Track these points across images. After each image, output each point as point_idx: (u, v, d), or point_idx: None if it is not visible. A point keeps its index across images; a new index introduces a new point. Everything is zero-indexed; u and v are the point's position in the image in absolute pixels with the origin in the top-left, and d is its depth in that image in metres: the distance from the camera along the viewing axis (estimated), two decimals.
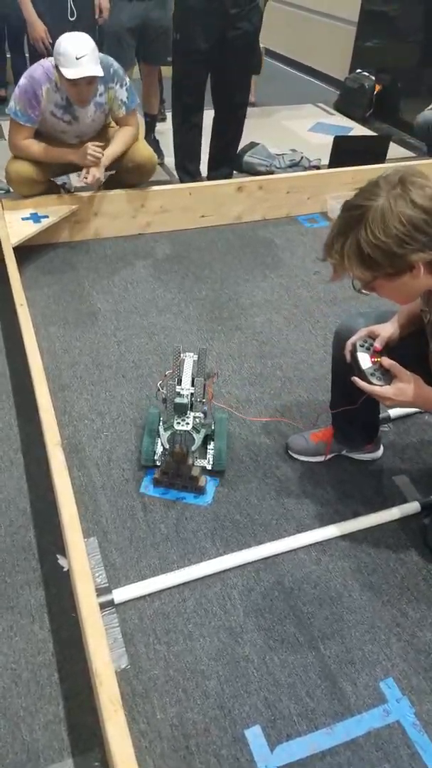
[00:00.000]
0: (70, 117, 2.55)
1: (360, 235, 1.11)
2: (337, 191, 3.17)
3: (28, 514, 1.61)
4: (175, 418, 1.59)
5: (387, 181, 1.11)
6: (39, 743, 1.18)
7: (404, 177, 1.10)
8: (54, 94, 2.46)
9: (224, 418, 1.77)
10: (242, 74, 2.98)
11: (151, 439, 1.71)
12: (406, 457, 1.83)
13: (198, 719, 1.22)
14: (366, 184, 1.16)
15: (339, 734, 1.21)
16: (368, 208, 1.10)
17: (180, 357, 1.71)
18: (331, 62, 5.47)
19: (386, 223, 1.08)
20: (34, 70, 2.43)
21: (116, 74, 2.52)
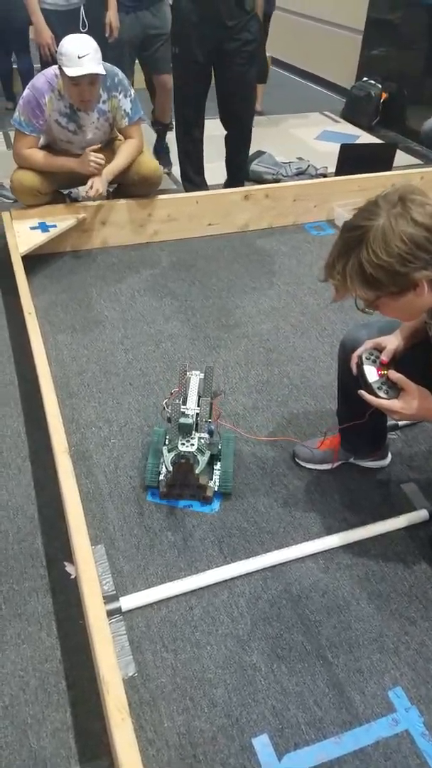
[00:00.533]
0: (75, 126, 2.57)
1: (362, 256, 1.10)
2: (344, 199, 3.18)
3: (35, 521, 1.62)
4: (180, 439, 1.57)
5: (386, 200, 1.11)
6: (46, 751, 1.19)
7: (403, 195, 1.10)
8: (57, 102, 2.48)
9: (231, 437, 1.75)
10: (245, 85, 2.97)
11: (156, 460, 1.68)
12: (414, 464, 1.83)
13: (205, 728, 1.22)
14: (364, 203, 1.16)
15: (347, 743, 1.20)
16: (369, 228, 1.10)
17: (186, 375, 1.68)
18: (337, 70, 5.50)
19: (388, 243, 1.08)
20: (37, 80, 2.46)
21: (120, 84, 2.55)
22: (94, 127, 2.60)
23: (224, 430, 1.82)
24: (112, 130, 2.72)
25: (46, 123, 2.52)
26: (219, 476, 1.68)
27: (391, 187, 1.14)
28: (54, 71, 2.46)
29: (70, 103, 2.49)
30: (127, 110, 2.60)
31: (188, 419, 1.56)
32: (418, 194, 1.11)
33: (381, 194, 1.14)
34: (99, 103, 2.54)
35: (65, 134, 2.60)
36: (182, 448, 1.55)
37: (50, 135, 2.62)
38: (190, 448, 1.55)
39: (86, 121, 2.57)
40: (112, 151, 2.70)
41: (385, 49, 4.79)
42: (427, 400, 1.30)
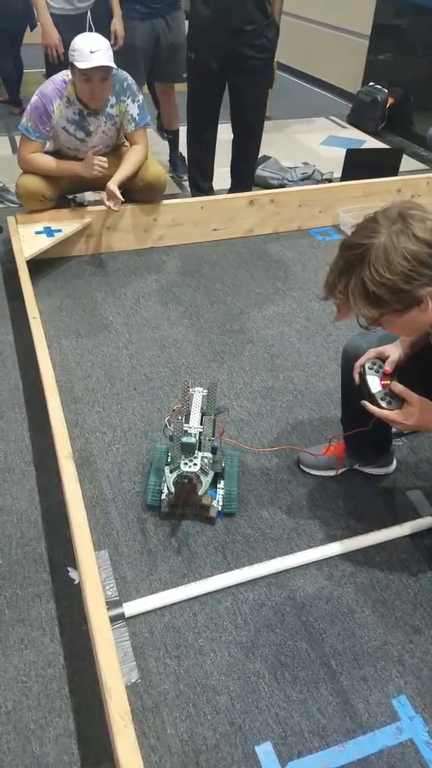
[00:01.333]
0: (83, 134, 2.59)
1: (364, 275, 1.08)
2: (350, 204, 3.18)
3: (39, 526, 1.62)
4: (182, 459, 1.51)
5: (385, 216, 1.10)
6: (49, 756, 1.18)
7: (403, 211, 1.09)
8: (66, 109, 2.50)
9: (235, 455, 1.72)
10: (258, 92, 2.98)
11: (158, 478, 1.63)
12: (420, 471, 1.82)
13: (208, 735, 1.22)
14: (362, 221, 1.14)
15: (351, 752, 1.20)
16: (370, 246, 1.08)
17: (189, 392, 1.63)
18: (343, 75, 5.51)
19: (390, 261, 1.06)
20: (45, 87, 2.48)
21: (129, 89, 2.56)
22: (101, 131, 2.62)
23: (227, 447, 1.80)
24: (119, 135, 2.73)
25: (53, 130, 2.54)
26: (223, 496, 1.64)
27: (390, 203, 1.13)
28: (63, 77, 2.47)
29: (80, 109, 2.51)
30: (134, 115, 2.62)
31: (191, 438, 1.50)
32: (418, 209, 1.10)
33: (379, 210, 1.12)
34: (107, 108, 2.55)
35: (72, 142, 2.61)
36: (185, 468, 1.50)
37: (57, 143, 2.63)
38: (193, 468, 1.49)
39: (94, 126, 2.58)
40: (119, 157, 2.71)
41: (391, 54, 4.79)
42: (430, 411, 1.29)
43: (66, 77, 2.47)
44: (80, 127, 2.57)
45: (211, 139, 3.10)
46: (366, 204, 3.18)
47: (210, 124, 3.04)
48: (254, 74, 2.86)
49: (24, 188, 2.62)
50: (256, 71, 2.86)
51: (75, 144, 2.63)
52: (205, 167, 3.20)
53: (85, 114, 2.53)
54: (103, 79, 2.40)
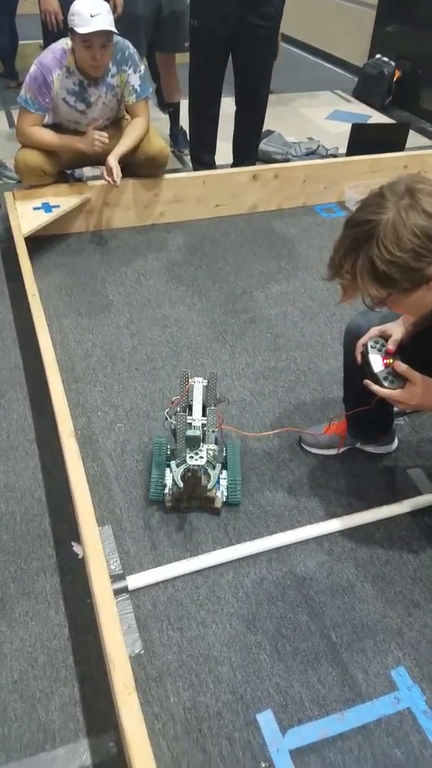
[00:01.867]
0: (83, 105, 2.55)
1: (372, 252, 1.05)
2: (355, 180, 3.15)
3: (43, 502, 1.64)
4: (188, 452, 1.47)
5: (393, 191, 1.06)
6: (55, 724, 1.22)
7: (411, 186, 1.05)
8: (66, 79, 2.46)
9: (236, 444, 1.71)
10: (264, 63, 2.93)
11: (160, 472, 1.61)
12: (421, 450, 1.83)
13: (210, 703, 1.25)
14: (367, 197, 1.10)
15: (350, 720, 1.23)
16: (378, 223, 1.05)
17: (189, 383, 1.59)
18: (349, 48, 5.40)
19: (400, 237, 1.03)
20: (44, 56, 2.43)
21: (131, 58, 2.52)
22: (101, 103, 2.58)
23: (227, 435, 1.79)
24: (120, 107, 2.69)
25: (52, 101, 2.50)
26: (227, 486, 1.62)
27: (396, 177, 1.09)
28: (62, 46, 2.42)
29: (80, 80, 2.47)
30: (135, 86, 2.58)
31: (195, 431, 1.46)
32: (425, 183, 1.07)
33: (385, 185, 1.09)
34: (108, 77, 2.51)
35: (72, 114, 2.58)
36: (191, 461, 1.45)
37: (57, 115, 2.60)
38: (200, 462, 1.45)
39: (95, 98, 2.54)
40: (120, 130, 2.67)
41: (399, 26, 4.68)
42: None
43: (65, 46, 2.42)
44: (80, 99, 2.53)
45: (214, 111, 3.05)
46: (372, 180, 3.14)
47: (213, 96, 2.99)
48: (260, 43, 2.80)
49: (24, 163, 2.59)
50: (262, 40, 2.80)
51: (75, 116, 2.59)
52: (208, 141, 3.16)
53: (86, 84, 2.49)
54: (103, 45, 2.34)
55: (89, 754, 1.17)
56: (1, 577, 1.46)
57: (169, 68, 3.55)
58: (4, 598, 1.42)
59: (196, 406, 1.55)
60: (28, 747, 1.18)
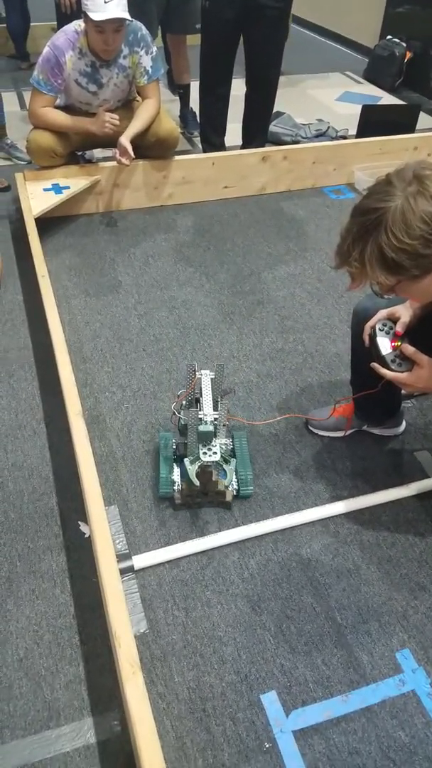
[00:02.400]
0: (95, 86, 2.53)
1: (381, 240, 1.04)
2: (365, 162, 3.10)
3: (50, 482, 1.64)
4: (200, 448, 1.42)
5: (400, 178, 1.05)
6: (60, 702, 1.22)
7: (418, 172, 1.04)
8: (78, 61, 2.44)
9: (244, 435, 1.67)
10: (275, 44, 2.89)
11: (168, 468, 1.57)
12: (428, 433, 1.81)
13: (215, 683, 1.25)
14: (375, 184, 1.09)
15: (354, 702, 1.23)
16: (386, 210, 1.04)
17: (196, 376, 1.53)
18: (360, 29, 5.30)
19: (409, 224, 1.02)
20: (57, 38, 2.42)
21: (143, 39, 2.49)
22: (113, 84, 2.55)
23: (234, 426, 1.76)
24: (131, 89, 2.66)
25: (64, 82, 2.48)
26: (239, 480, 1.57)
27: (402, 164, 1.08)
28: (75, 28, 2.40)
29: (92, 61, 2.45)
30: (147, 68, 2.55)
31: (208, 426, 1.41)
32: (431, 169, 1.05)
33: (392, 172, 1.07)
34: (120, 59, 2.48)
35: (84, 95, 2.55)
36: (205, 458, 1.41)
37: (69, 96, 2.57)
38: (214, 458, 1.41)
39: (106, 79, 2.51)
40: (131, 111, 2.65)
41: (410, 6, 4.60)
42: None
43: (78, 27, 2.40)
44: (92, 80, 2.51)
45: (225, 92, 3.02)
46: (381, 162, 3.10)
47: (224, 77, 2.96)
48: (271, 24, 2.78)
49: (36, 144, 2.57)
50: (273, 21, 2.77)
51: (87, 97, 2.56)
52: (218, 122, 3.13)
53: (98, 65, 2.47)
54: (116, 30, 2.33)
55: (93, 733, 1.18)
56: (8, 555, 1.46)
57: (179, 50, 3.50)
58: (11, 576, 1.42)
59: (206, 400, 1.49)
60: (33, 725, 1.19)
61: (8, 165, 3.19)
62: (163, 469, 1.58)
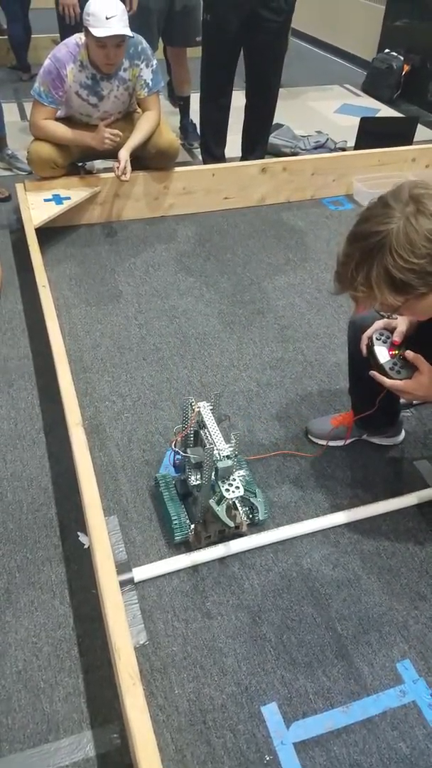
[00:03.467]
0: (96, 98, 2.55)
1: (386, 262, 1.05)
2: (363, 173, 3.12)
3: (50, 492, 1.63)
4: (222, 485, 1.33)
5: (396, 199, 1.06)
6: (59, 714, 1.21)
7: (414, 193, 1.05)
8: (79, 73, 2.46)
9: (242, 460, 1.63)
10: (275, 57, 2.93)
11: (177, 509, 1.48)
12: (428, 442, 1.81)
13: (215, 695, 1.24)
14: (369, 208, 1.10)
15: (355, 713, 1.22)
16: (388, 232, 1.04)
17: (195, 410, 1.43)
18: (358, 42, 5.36)
19: (413, 244, 1.03)
20: (58, 50, 2.44)
21: (144, 53, 2.51)
22: (113, 96, 2.57)
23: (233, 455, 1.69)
24: (131, 101, 2.69)
25: (65, 94, 2.50)
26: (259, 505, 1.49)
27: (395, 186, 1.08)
28: (76, 41, 2.43)
29: (93, 73, 2.47)
30: (147, 80, 2.57)
31: (227, 461, 1.32)
32: (426, 187, 1.06)
33: (387, 195, 1.08)
34: (120, 71, 2.51)
35: (85, 107, 2.58)
36: (229, 495, 1.32)
37: (69, 108, 2.59)
38: (238, 492, 1.33)
39: (107, 91, 2.54)
40: (131, 123, 2.67)
41: (408, 20, 4.65)
42: None
43: (79, 40, 2.43)
44: (93, 92, 2.53)
45: (225, 103, 3.04)
46: (380, 173, 3.12)
47: (224, 89, 2.99)
48: (271, 38, 2.80)
49: (37, 155, 2.59)
50: (273, 34, 2.80)
51: (87, 109, 2.59)
52: (219, 134, 3.15)
53: (99, 78, 2.49)
54: (118, 46, 2.36)
55: (93, 746, 1.17)
56: (7, 566, 1.45)
57: (180, 62, 3.53)
58: (10, 587, 1.41)
59: (215, 433, 1.38)
60: (32, 738, 1.18)
61: (9, 175, 3.21)
62: (173, 510, 1.48)
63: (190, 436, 1.47)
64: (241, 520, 1.48)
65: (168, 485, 1.56)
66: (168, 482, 1.57)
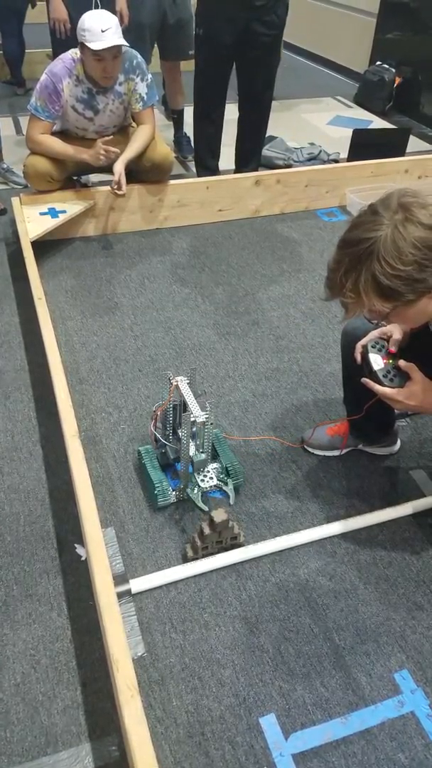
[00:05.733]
0: (92, 113, 2.57)
1: (375, 269, 1.06)
2: (357, 185, 3.15)
3: (46, 504, 1.64)
4: (198, 476, 1.54)
5: (385, 207, 1.08)
6: (57, 727, 1.21)
7: (403, 201, 1.07)
8: (75, 88, 2.49)
9: (217, 432, 1.72)
10: (268, 69, 2.96)
11: (159, 475, 1.60)
12: (424, 451, 1.83)
13: (213, 707, 1.24)
14: (359, 215, 1.12)
15: (353, 724, 1.22)
16: (376, 239, 1.06)
17: (173, 383, 1.56)
18: (350, 54, 5.43)
19: (401, 251, 1.04)
20: (54, 65, 2.47)
21: (138, 67, 2.55)
22: (109, 110, 2.60)
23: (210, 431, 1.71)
24: (126, 115, 2.71)
25: (62, 109, 2.53)
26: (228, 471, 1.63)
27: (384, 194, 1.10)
28: (71, 56, 2.46)
29: (88, 87, 2.50)
30: (142, 94, 2.60)
31: (201, 455, 1.54)
32: (414, 195, 1.08)
33: (376, 203, 1.10)
34: (116, 85, 2.54)
35: (81, 121, 2.60)
36: (204, 484, 1.52)
37: (65, 122, 2.62)
38: (211, 482, 1.54)
39: (102, 105, 2.57)
40: (126, 137, 2.70)
41: (399, 33, 4.71)
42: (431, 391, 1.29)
43: (75, 55, 2.46)
44: (89, 106, 2.56)
45: (219, 117, 3.07)
46: (374, 184, 3.15)
47: (218, 102, 3.02)
48: (264, 51, 2.84)
49: (33, 169, 2.61)
50: (266, 48, 2.83)
51: (83, 123, 2.61)
52: (212, 146, 3.18)
53: (94, 92, 2.52)
54: (114, 57, 2.39)
55: (91, 758, 1.17)
56: (4, 578, 1.45)
57: (173, 75, 3.57)
58: (7, 600, 1.41)
59: (191, 402, 1.52)
60: (30, 751, 1.18)
61: (5, 189, 3.23)
62: (155, 478, 1.59)
63: (170, 410, 1.59)
64: (238, 532, 1.49)
65: (150, 456, 1.66)
66: (150, 454, 1.67)
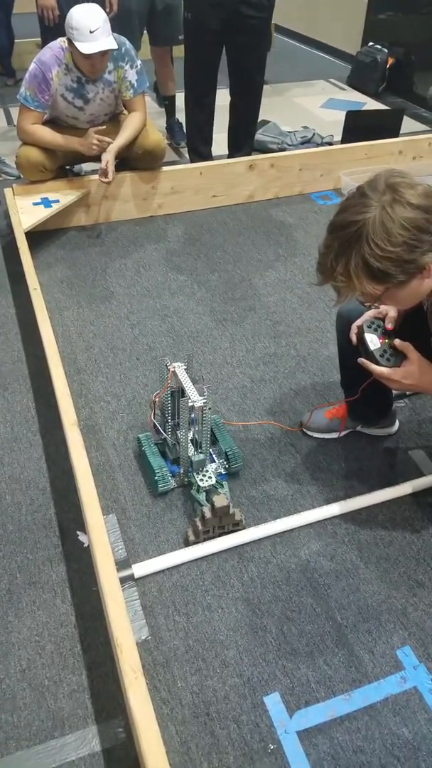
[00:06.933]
0: (82, 102, 2.55)
1: (364, 251, 1.06)
2: (351, 167, 3.14)
3: (48, 493, 1.64)
4: (197, 476, 1.56)
5: (373, 189, 1.07)
6: (64, 711, 1.22)
7: (390, 181, 1.06)
8: (65, 76, 2.47)
9: (216, 418, 1.73)
10: (258, 53, 2.93)
11: (159, 461, 1.61)
12: (422, 431, 1.83)
13: (218, 687, 1.25)
14: (348, 198, 1.11)
15: (357, 700, 1.23)
16: (365, 222, 1.05)
17: (171, 370, 1.58)
18: (342, 36, 5.37)
19: (390, 232, 1.04)
20: (43, 54, 2.45)
21: (127, 54, 2.52)
22: (99, 99, 2.58)
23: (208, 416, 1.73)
24: (117, 102, 2.69)
25: (51, 98, 2.51)
26: (226, 456, 1.64)
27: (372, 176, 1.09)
28: (60, 44, 2.43)
29: (78, 76, 2.48)
30: (132, 81, 2.58)
31: (200, 455, 1.56)
32: (402, 176, 1.07)
33: (364, 185, 1.09)
34: (105, 73, 2.51)
35: (71, 110, 2.58)
36: (203, 483, 1.54)
37: (55, 110, 2.60)
38: (209, 482, 1.55)
39: (93, 94, 2.55)
40: (118, 125, 2.68)
41: (391, 13, 4.67)
42: (429, 372, 1.28)
43: (63, 44, 2.43)
44: (79, 95, 2.54)
45: (210, 102, 3.04)
46: (367, 166, 3.14)
47: (210, 87, 2.99)
48: (253, 34, 2.81)
49: (26, 159, 2.59)
50: (255, 31, 2.80)
51: (73, 112, 2.59)
52: (205, 132, 3.15)
53: (84, 81, 2.50)
54: (103, 55, 2.38)
55: (98, 740, 1.18)
56: (8, 567, 1.46)
57: (164, 61, 3.54)
58: (11, 588, 1.42)
59: (189, 388, 1.53)
60: (38, 735, 1.19)
61: None
62: (155, 464, 1.60)
63: (167, 398, 1.60)
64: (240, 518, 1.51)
65: (150, 444, 1.67)
66: (149, 440, 1.68)
